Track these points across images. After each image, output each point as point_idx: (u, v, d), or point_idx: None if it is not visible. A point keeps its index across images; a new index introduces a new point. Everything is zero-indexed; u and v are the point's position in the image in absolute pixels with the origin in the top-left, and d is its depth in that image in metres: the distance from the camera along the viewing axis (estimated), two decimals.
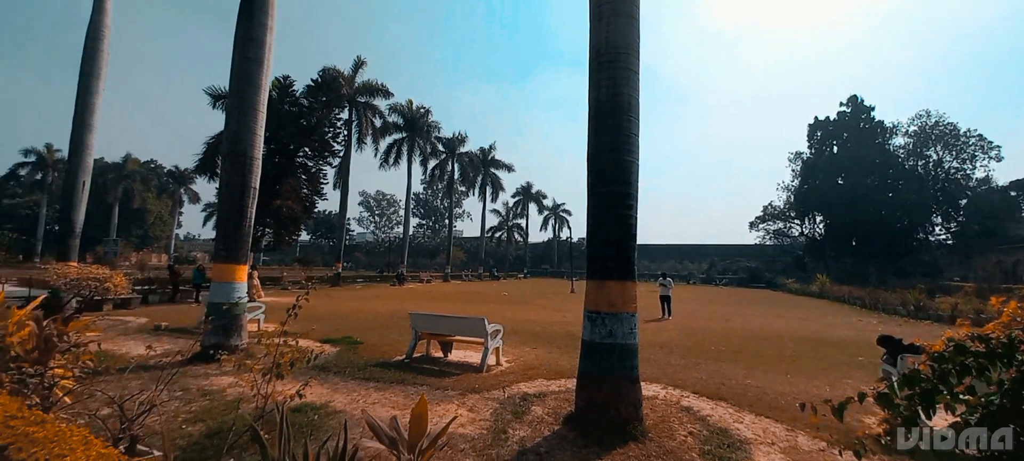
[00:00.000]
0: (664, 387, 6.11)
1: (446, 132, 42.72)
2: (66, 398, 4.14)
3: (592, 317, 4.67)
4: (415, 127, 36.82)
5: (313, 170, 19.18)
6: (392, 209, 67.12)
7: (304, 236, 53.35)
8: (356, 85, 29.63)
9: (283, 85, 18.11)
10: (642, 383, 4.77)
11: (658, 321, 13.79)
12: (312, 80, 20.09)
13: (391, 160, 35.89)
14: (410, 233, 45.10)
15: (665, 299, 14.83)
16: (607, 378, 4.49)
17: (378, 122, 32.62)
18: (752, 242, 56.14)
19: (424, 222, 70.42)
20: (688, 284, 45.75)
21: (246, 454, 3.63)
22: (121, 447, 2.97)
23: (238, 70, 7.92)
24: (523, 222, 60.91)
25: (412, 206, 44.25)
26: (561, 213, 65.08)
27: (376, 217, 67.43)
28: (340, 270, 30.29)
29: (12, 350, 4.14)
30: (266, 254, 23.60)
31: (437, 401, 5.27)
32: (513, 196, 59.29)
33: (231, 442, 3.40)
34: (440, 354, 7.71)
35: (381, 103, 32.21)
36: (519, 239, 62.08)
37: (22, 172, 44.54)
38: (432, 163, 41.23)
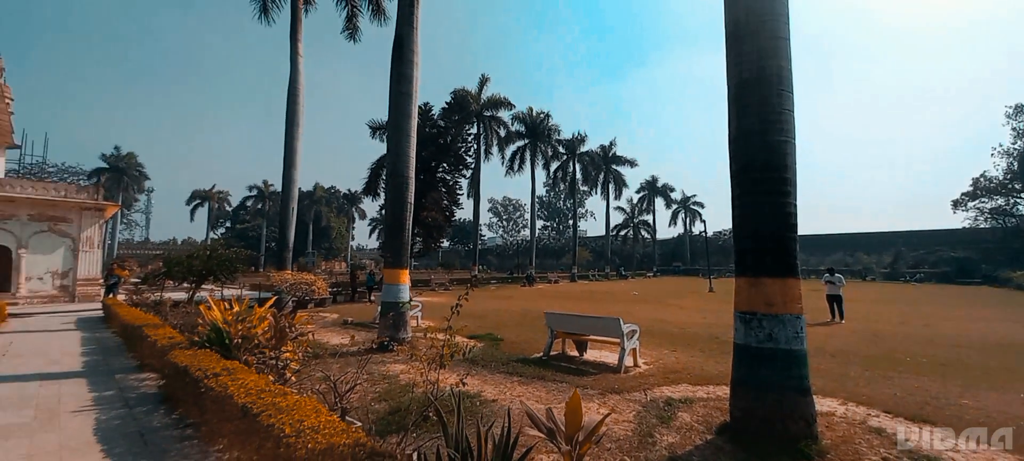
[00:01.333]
0: (842, 402, 5.25)
1: (565, 132, 43.05)
2: (293, 377, 5.47)
3: (746, 319, 4.29)
4: (536, 132, 37.99)
5: (451, 183, 21.37)
6: (518, 213, 70.30)
7: (444, 243, 59.45)
8: (482, 101, 31.96)
9: (424, 112, 20.58)
10: (813, 397, 4.20)
11: (827, 325, 11.81)
12: (446, 103, 22.60)
13: (515, 166, 37.65)
14: (536, 235, 46.55)
15: (834, 298, 12.59)
16: (769, 387, 4.06)
17: (502, 132, 34.65)
18: (958, 225, 43.32)
19: (549, 224, 71.95)
20: (864, 281, 37.84)
21: (421, 430, 4.28)
22: (336, 416, 3.74)
23: (394, 103, 9.32)
24: (649, 218, 57.71)
25: (536, 209, 45.56)
26: (692, 206, 59.91)
27: (504, 222, 71.44)
28: (476, 272, 32.86)
29: (256, 339, 5.65)
30: (415, 260, 26.91)
31: None
32: (637, 191, 56.83)
33: (413, 420, 4.06)
34: (575, 353, 7.87)
35: (504, 114, 34.16)
36: (646, 236, 58.95)
37: (248, 202, 59.50)
38: (554, 165, 42.02)
